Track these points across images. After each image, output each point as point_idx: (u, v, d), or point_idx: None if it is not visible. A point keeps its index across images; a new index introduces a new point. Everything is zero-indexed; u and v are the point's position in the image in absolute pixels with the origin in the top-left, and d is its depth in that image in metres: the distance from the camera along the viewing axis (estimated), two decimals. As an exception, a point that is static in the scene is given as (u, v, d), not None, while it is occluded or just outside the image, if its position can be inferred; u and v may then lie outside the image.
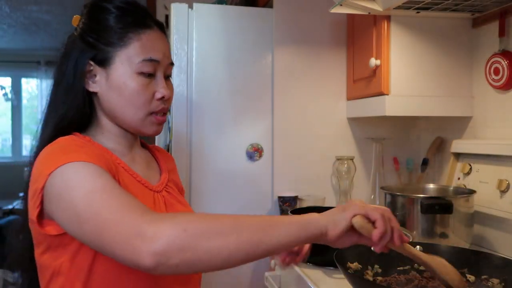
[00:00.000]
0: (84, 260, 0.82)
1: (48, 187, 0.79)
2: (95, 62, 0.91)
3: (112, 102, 0.92)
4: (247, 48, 1.90)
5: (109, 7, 0.93)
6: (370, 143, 1.92)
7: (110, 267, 0.82)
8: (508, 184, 1.34)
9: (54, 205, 0.79)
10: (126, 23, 0.91)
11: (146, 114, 0.93)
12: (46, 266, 0.85)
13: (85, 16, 0.95)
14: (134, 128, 0.95)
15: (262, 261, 1.90)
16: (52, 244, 0.83)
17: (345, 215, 0.76)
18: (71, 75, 0.91)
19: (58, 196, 0.78)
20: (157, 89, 0.93)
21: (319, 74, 1.94)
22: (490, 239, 1.45)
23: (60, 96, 0.93)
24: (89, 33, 0.92)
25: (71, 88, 0.91)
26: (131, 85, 0.90)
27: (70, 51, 0.93)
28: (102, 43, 0.90)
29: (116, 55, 0.90)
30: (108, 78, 0.91)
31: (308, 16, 1.92)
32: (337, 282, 1.18)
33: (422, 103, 1.60)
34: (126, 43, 0.90)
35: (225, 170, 1.86)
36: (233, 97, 1.89)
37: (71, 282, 0.83)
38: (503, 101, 1.50)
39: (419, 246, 1.12)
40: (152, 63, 0.92)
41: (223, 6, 1.95)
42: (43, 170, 0.80)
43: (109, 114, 0.94)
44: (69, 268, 0.83)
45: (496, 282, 1.00)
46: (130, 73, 0.90)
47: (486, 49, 1.56)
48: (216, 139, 1.87)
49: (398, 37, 1.58)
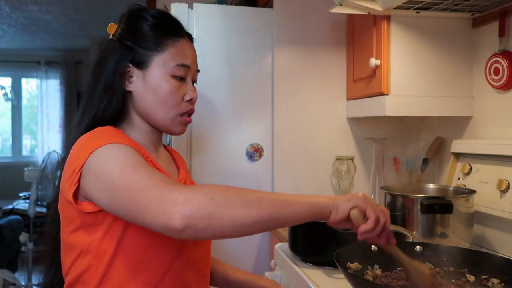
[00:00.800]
0: (112, 239, 0.89)
1: (87, 165, 0.86)
2: (133, 64, 1.00)
3: (147, 101, 1.00)
4: (247, 48, 1.90)
5: (147, 16, 1.02)
6: (370, 143, 1.92)
7: (136, 246, 0.89)
8: (508, 184, 1.34)
9: (91, 182, 0.86)
10: (163, 31, 1.01)
11: (176, 114, 1.02)
12: (74, 244, 0.91)
13: (123, 23, 1.03)
14: (164, 127, 1.03)
15: (262, 261, 1.90)
16: (84, 223, 0.90)
17: (348, 205, 0.85)
18: (111, 75, 0.99)
19: (95, 173, 0.85)
20: (186, 92, 1.03)
21: (319, 74, 1.94)
22: (490, 239, 1.45)
23: (98, 94, 1.00)
24: (128, 37, 1.01)
25: (110, 87, 0.99)
26: (165, 86, 0.99)
27: (109, 54, 1.01)
28: (140, 47, 1.00)
29: (153, 59, 0.99)
30: (144, 79, 1.00)
31: (308, 16, 1.92)
32: (337, 282, 1.18)
33: (422, 103, 1.60)
34: (163, 48, 1.00)
35: (225, 170, 1.86)
36: (233, 97, 1.89)
37: (98, 260, 0.89)
38: (503, 101, 1.50)
39: (419, 246, 1.12)
40: (184, 68, 1.02)
41: (223, 6, 1.96)
42: (83, 151, 0.88)
43: (141, 112, 1.02)
44: (97, 247, 0.89)
45: (496, 282, 1.00)
46: (165, 75, 1.00)
47: (486, 49, 1.56)
48: (216, 139, 1.87)
49: (398, 37, 1.58)
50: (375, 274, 1.07)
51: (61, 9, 4.45)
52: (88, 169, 0.86)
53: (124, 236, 0.89)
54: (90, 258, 0.90)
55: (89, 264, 0.90)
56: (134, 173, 0.82)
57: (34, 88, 6.57)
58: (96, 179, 0.85)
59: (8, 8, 4.37)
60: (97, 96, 1.00)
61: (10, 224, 3.99)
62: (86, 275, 0.90)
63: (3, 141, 6.57)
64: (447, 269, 1.08)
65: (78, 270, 0.91)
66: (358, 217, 0.85)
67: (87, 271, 0.90)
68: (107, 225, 0.89)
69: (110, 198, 0.83)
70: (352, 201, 0.85)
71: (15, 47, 6.06)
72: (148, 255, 0.91)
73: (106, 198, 0.84)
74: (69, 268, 0.92)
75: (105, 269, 0.89)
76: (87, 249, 0.90)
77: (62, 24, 5.04)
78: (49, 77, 6.39)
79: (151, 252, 0.91)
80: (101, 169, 0.85)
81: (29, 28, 5.15)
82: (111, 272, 0.89)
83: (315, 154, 1.93)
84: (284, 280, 1.42)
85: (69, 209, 0.91)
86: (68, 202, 0.89)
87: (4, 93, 6.35)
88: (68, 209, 0.91)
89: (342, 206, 0.85)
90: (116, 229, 0.89)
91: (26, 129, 6.57)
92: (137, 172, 0.82)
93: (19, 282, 3.33)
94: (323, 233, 1.25)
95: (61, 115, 6.36)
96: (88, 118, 0.99)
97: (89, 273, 0.90)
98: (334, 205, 0.85)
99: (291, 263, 1.34)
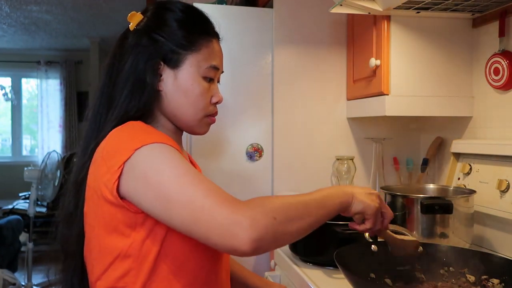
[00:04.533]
0: (155, 241, 0.84)
1: (132, 164, 0.80)
2: (164, 62, 0.93)
3: (176, 101, 0.95)
4: (247, 48, 1.90)
5: (176, 10, 0.96)
6: (370, 143, 1.92)
7: (180, 247, 0.86)
8: (508, 184, 1.34)
9: (138, 185, 0.80)
10: (196, 29, 0.96)
11: (204, 115, 0.98)
12: (111, 247, 0.84)
13: (151, 14, 0.96)
14: (189, 127, 0.99)
15: (263, 261, 1.90)
16: (124, 223, 0.83)
17: (366, 201, 0.93)
18: (142, 72, 0.92)
19: (144, 177, 0.79)
20: (214, 94, 0.99)
21: (319, 74, 1.94)
22: (490, 239, 1.45)
23: (125, 92, 0.91)
24: (157, 31, 0.93)
25: (142, 85, 0.92)
26: (197, 88, 0.95)
27: (134, 47, 0.93)
28: (172, 43, 0.93)
29: (186, 57, 0.94)
30: (175, 79, 0.94)
31: (308, 16, 1.92)
32: (337, 282, 1.18)
33: (422, 103, 1.60)
34: (197, 48, 0.94)
35: (225, 170, 1.86)
36: (233, 97, 1.89)
37: (139, 263, 0.84)
38: (503, 101, 1.49)
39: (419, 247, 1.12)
40: (215, 70, 0.98)
41: (223, 6, 1.95)
42: (125, 145, 0.82)
43: (168, 111, 0.96)
44: (139, 249, 0.83)
45: (496, 282, 1.00)
46: (197, 76, 0.95)
47: (486, 49, 1.56)
48: (216, 139, 1.87)
49: (398, 37, 1.58)
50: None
51: (61, 9, 4.45)
52: (133, 168, 0.80)
53: (167, 238, 0.84)
54: (130, 262, 0.84)
55: (129, 268, 0.84)
56: (192, 187, 0.78)
57: (34, 88, 6.58)
58: (146, 185, 0.79)
59: (8, 8, 4.37)
60: (124, 95, 0.91)
61: (10, 224, 3.99)
62: (127, 279, 0.84)
63: (3, 141, 6.57)
64: (447, 269, 1.08)
65: (116, 274, 0.84)
66: (359, 220, 0.97)
67: (127, 274, 0.84)
68: (149, 226, 0.83)
69: (163, 210, 0.78)
70: (369, 199, 0.94)
71: (15, 47, 6.07)
72: (191, 256, 0.87)
73: (158, 208, 0.79)
74: (103, 273, 0.86)
75: (148, 272, 0.84)
76: (126, 252, 0.83)
77: (62, 24, 5.04)
78: (49, 77, 6.39)
79: (194, 253, 0.88)
80: (152, 174, 0.79)
81: (29, 28, 5.15)
82: (155, 275, 0.84)
83: (315, 154, 1.93)
84: (284, 280, 1.42)
85: (105, 208, 0.83)
86: (106, 200, 0.82)
87: (4, 93, 6.35)
88: (103, 208, 0.84)
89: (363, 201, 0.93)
90: (158, 230, 0.84)
91: (26, 129, 6.57)
92: (194, 186, 0.78)
93: (19, 282, 3.33)
94: (323, 233, 1.25)
95: (61, 115, 6.36)
96: (115, 119, 0.90)
97: (129, 277, 0.84)
98: (357, 201, 0.93)
99: (291, 263, 1.34)
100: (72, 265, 0.95)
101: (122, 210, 0.82)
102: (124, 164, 0.80)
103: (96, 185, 0.84)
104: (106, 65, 0.97)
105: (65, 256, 0.96)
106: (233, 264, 1.19)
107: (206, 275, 0.90)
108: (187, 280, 0.87)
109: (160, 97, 0.95)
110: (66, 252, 0.96)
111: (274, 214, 0.78)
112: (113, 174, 0.81)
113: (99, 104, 0.95)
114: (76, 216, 0.93)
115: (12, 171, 6.06)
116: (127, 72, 0.92)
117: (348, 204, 0.92)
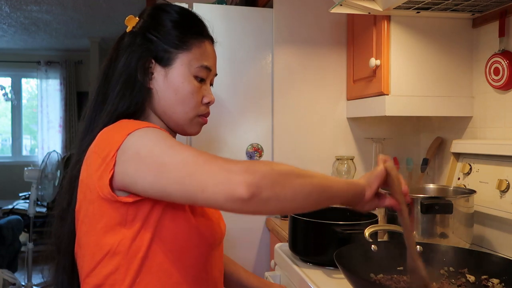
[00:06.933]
0: (144, 240, 0.83)
1: (124, 147, 0.81)
2: (156, 60, 0.96)
3: (166, 99, 0.96)
4: (247, 48, 1.90)
5: (171, 11, 0.99)
6: (370, 143, 1.92)
7: (168, 247, 0.85)
8: (508, 184, 1.34)
9: (131, 163, 0.80)
10: (189, 30, 0.98)
11: (195, 115, 0.99)
12: (101, 245, 0.84)
13: (147, 16, 0.99)
14: (180, 127, 1.00)
15: (262, 261, 1.90)
16: (116, 219, 0.83)
17: (377, 170, 0.94)
18: (133, 70, 0.94)
19: (136, 153, 0.80)
20: (205, 94, 1.00)
21: (319, 74, 1.94)
22: (490, 239, 1.45)
23: (117, 89, 0.94)
24: (151, 31, 0.96)
25: (132, 82, 0.94)
26: (188, 86, 0.96)
27: (128, 47, 0.96)
28: (164, 43, 0.95)
29: (177, 56, 0.96)
30: (166, 77, 0.96)
31: (308, 16, 1.92)
32: (337, 282, 1.18)
33: (422, 103, 1.60)
34: (188, 47, 0.96)
35: (225, 170, 1.86)
36: (233, 97, 1.89)
37: (128, 261, 0.84)
38: (503, 101, 1.50)
39: (419, 246, 1.12)
40: (206, 70, 0.99)
41: (223, 6, 1.96)
42: (117, 136, 0.83)
43: (159, 110, 0.98)
44: (128, 247, 0.83)
45: (496, 282, 1.00)
46: (188, 75, 0.96)
47: (486, 49, 1.56)
48: (216, 139, 1.87)
49: (398, 37, 1.58)
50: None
51: (61, 9, 4.45)
52: (126, 150, 0.81)
53: (156, 235, 0.84)
54: (118, 260, 0.84)
55: (118, 265, 0.84)
56: (185, 149, 0.78)
57: (34, 88, 6.58)
58: (138, 159, 0.79)
59: (8, 8, 4.37)
60: (116, 92, 0.94)
61: (10, 224, 3.99)
62: (116, 276, 0.84)
63: (3, 141, 6.57)
64: (447, 269, 1.08)
65: (105, 271, 0.85)
66: (394, 168, 0.95)
67: (116, 272, 0.84)
68: (140, 223, 0.83)
69: (155, 177, 0.77)
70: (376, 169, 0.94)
71: (15, 47, 6.07)
72: (181, 254, 0.87)
73: (151, 177, 0.78)
74: (92, 270, 0.86)
75: (137, 270, 0.84)
76: (115, 250, 0.84)
77: (62, 24, 5.04)
78: (49, 77, 6.39)
79: (185, 251, 0.87)
80: (143, 148, 0.80)
81: (29, 28, 5.15)
82: (143, 273, 0.84)
83: (315, 154, 1.93)
84: (284, 280, 1.42)
85: (98, 205, 0.84)
86: (98, 196, 0.83)
87: (4, 93, 6.36)
88: (95, 204, 0.84)
89: (371, 177, 0.92)
90: (148, 227, 0.84)
91: (26, 129, 6.57)
92: (188, 150, 0.78)
93: (19, 282, 3.33)
94: (323, 233, 1.25)
95: (61, 115, 6.36)
96: (106, 116, 0.92)
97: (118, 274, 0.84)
98: (366, 183, 0.91)
99: (291, 263, 1.34)
100: (63, 262, 0.95)
101: (114, 206, 0.83)
102: (117, 151, 0.81)
103: (90, 181, 0.85)
104: (103, 66, 0.99)
105: (57, 253, 0.97)
106: (229, 264, 1.19)
107: (197, 273, 0.90)
108: (177, 278, 0.87)
109: (152, 95, 0.97)
110: (58, 249, 0.96)
111: (271, 166, 0.76)
112: (109, 163, 0.81)
113: (94, 103, 0.97)
114: (68, 213, 0.93)
115: (12, 171, 6.06)
116: (120, 70, 0.95)
117: (362, 183, 0.91)
